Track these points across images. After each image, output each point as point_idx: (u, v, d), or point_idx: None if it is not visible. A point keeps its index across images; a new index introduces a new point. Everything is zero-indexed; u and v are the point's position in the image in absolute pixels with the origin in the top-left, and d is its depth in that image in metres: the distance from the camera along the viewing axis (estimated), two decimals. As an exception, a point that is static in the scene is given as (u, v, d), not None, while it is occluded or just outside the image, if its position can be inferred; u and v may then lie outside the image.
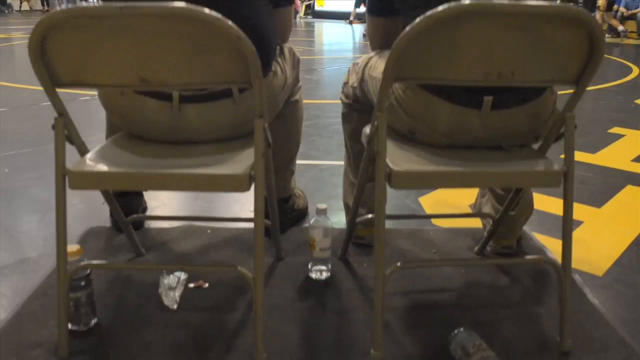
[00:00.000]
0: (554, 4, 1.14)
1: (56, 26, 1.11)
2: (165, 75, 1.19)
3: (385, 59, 1.62)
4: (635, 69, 7.05)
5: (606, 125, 3.86)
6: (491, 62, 1.20)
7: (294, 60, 1.81)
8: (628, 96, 5.03)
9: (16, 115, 3.97)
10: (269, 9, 1.59)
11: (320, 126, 3.65)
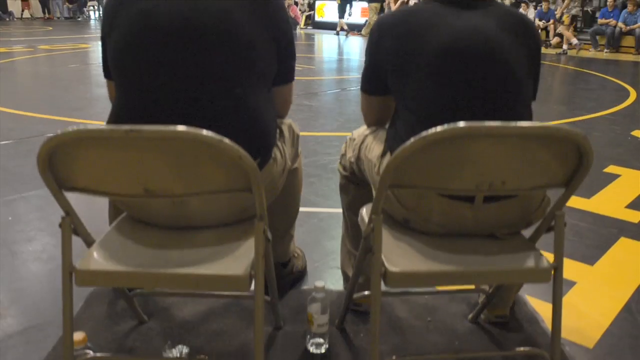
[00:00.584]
0: (543, 125, 1.19)
1: (64, 144, 1.16)
2: (169, 186, 1.23)
3: (379, 140, 1.68)
4: (633, 92, 7.10)
5: (602, 163, 3.90)
6: (482, 174, 1.25)
7: (293, 137, 1.86)
8: (625, 126, 5.08)
9: (18, 149, 4.02)
10: (270, 97, 1.64)
11: (319, 165, 3.70)
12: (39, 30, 16.29)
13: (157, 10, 1.49)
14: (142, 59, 1.48)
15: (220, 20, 1.49)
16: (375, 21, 1.73)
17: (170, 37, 1.47)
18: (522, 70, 1.53)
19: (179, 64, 1.46)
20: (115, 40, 1.54)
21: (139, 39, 1.48)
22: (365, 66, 1.76)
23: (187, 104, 1.45)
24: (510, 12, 1.62)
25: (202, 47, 1.47)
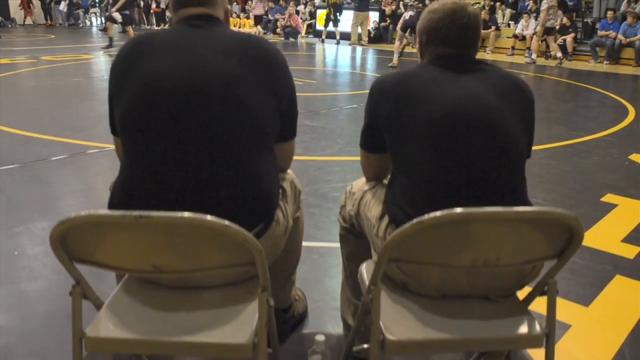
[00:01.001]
0: (536, 210, 1.24)
1: (76, 227, 1.21)
2: (177, 264, 1.29)
3: (378, 200, 1.73)
4: (631, 109, 7.15)
5: (600, 191, 3.95)
6: (477, 251, 1.30)
7: (295, 193, 1.90)
8: (622, 149, 5.13)
9: (23, 175, 4.07)
10: (273, 159, 1.69)
11: (319, 194, 3.75)
12: (41, 39, 16.37)
13: (163, 75, 1.54)
14: (148, 127, 1.53)
15: (224, 85, 1.54)
16: (375, 81, 1.78)
17: (175, 104, 1.52)
18: (516, 138, 1.59)
19: (183, 132, 1.51)
20: (123, 105, 1.59)
21: (146, 107, 1.53)
22: (364, 124, 1.82)
23: (192, 173, 1.49)
24: (505, 76, 1.68)
25: (207, 115, 1.52)
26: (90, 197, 3.68)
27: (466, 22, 1.69)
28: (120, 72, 1.62)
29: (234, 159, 1.53)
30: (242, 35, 1.71)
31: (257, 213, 1.56)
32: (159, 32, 1.70)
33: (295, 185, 1.91)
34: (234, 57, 1.60)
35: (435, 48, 1.72)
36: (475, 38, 1.73)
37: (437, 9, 1.72)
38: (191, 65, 1.55)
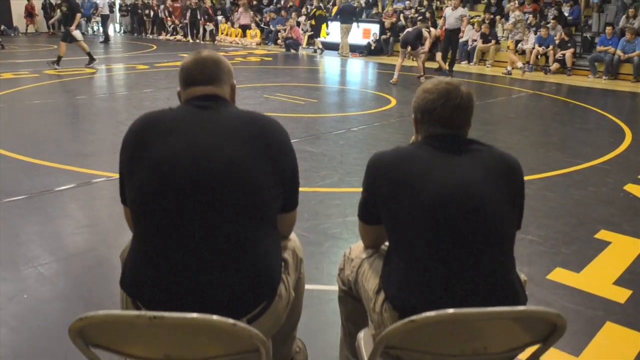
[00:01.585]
0: (522, 309, 1.33)
1: (93, 324, 1.30)
2: (187, 354, 1.38)
3: (375, 271, 1.83)
4: (628, 133, 7.24)
5: (594, 227, 4.04)
6: (466, 342, 1.40)
7: (297, 262, 1.99)
8: (618, 178, 5.22)
9: (30, 207, 4.16)
10: (276, 236, 1.78)
11: (319, 230, 3.84)
12: (43, 50, 16.46)
13: (170, 162, 1.64)
14: (156, 212, 1.63)
15: (229, 171, 1.64)
16: (372, 159, 1.86)
17: (182, 191, 1.62)
18: (506, 222, 1.68)
19: (189, 217, 1.61)
20: (133, 188, 1.68)
21: (154, 194, 1.63)
22: (362, 197, 1.91)
23: (198, 256, 1.59)
24: (496, 157, 1.77)
25: (212, 200, 1.62)
26: (97, 233, 3.77)
27: (459, 102, 1.78)
28: (131, 154, 1.72)
29: (238, 240, 1.63)
30: (245, 116, 1.80)
31: (261, 292, 1.66)
32: (168, 112, 1.80)
33: (296, 253, 2.00)
34: (238, 140, 1.70)
35: (430, 127, 1.81)
36: (468, 117, 1.82)
37: (431, 89, 1.81)
38: (197, 153, 1.64)
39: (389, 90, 10.16)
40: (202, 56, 1.86)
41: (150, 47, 18.78)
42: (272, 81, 11.08)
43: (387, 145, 5.72)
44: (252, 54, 17.00)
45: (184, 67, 1.86)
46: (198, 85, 1.82)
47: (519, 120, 7.93)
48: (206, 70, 1.82)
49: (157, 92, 9.36)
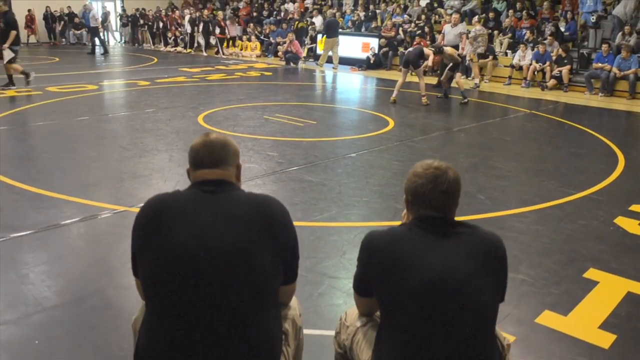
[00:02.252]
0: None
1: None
2: None
3: (369, 342, 1.97)
4: (621, 158, 7.38)
5: (583, 265, 4.17)
6: None
7: (296, 331, 2.13)
8: (609, 210, 5.35)
9: (34, 244, 4.29)
10: (278, 311, 1.93)
11: (317, 270, 3.96)
12: (45, 64, 16.62)
13: (179, 248, 1.81)
14: (167, 294, 1.79)
15: (234, 256, 1.81)
16: (367, 238, 2.01)
17: (191, 276, 1.79)
18: (489, 304, 1.83)
19: (198, 299, 1.78)
20: (145, 269, 1.84)
21: (165, 278, 1.79)
22: (357, 272, 2.05)
23: (205, 334, 1.74)
24: (480, 241, 1.91)
25: (218, 283, 1.78)
26: (103, 273, 3.88)
27: (446, 188, 1.93)
28: (144, 238, 1.88)
29: (242, 320, 1.79)
30: (248, 200, 1.95)
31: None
32: (178, 197, 1.94)
33: (296, 322, 2.14)
34: (242, 226, 1.86)
35: (419, 209, 1.96)
36: (455, 200, 1.97)
37: (420, 173, 1.95)
38: (204, 241, 1.80)
39: (388, 111, 10.31)
40: (210, 139, 2.01)
41: (150, 59, 18.94)
42: (272, 99, 11.23)
43: (384, 175, 5.93)
44: (252, 67, 17.17)
45: (194, 150, 2.00)
46: (206, 168, 1.96)
47: (514, 144, 8.05)
48: (214, 154, 1.97)
49: (158, 113, 9.50)
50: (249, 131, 8.21)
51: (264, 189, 5.63)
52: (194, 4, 28.07)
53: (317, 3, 23.06)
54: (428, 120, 9.79)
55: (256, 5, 24.87)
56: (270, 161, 6.69)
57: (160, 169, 6.25)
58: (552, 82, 14.17)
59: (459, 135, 8.52)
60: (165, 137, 7.77)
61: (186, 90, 12.19)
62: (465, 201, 5.18)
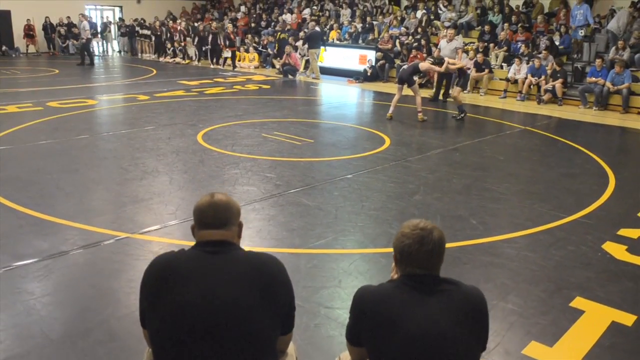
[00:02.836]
0: None
1: None
2: None
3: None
4: (612, 178, 7.55)
5: (570, 294, 4.32)
6: None
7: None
8: (597, 235, 5.50)
9: (38, 274, 4.43)
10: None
11: (313, 300, 4.10)
12: (45, 76, 16.78)
13: (185, 307, 1.97)
14: (174, 350, 1.94)
15: (237, 316, 1.98)
16: (358, 294, 2.16)
17: (196, 333, 1.95)
18: (470, 354, 1.98)
19: (202, 352, 1.94)
20: (153, 326, 2.00)
21: (172, 336, 1.96)
22: (349, 323, 2.21)
23: None
24: (463, 298, 2.07)
25: (222, 340, 1.95)
26: (107, 305, 4.01)
27: (431, 248, 2.09)
28: (151, 297, 2.05)
29: None
30: (248, 260, 2.11)
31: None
32: (182, 258, 2.10)
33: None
34: (242, 285, 2.03)
35: (407, 267, 2.12)
36: (440, 259, 2.14)
37: (408, 234, 2.11)
38: (208, 301, 1.98)
39: (384, 127, 10.48)
40: (215, 202, 2.17)
41: (149, 71, 19.11)
42: (270, 115, 11.39)
43: (380, 198, 6.11)
44: (250, 80, 17.34)
45: (200, 211, 2.17)
46: (211, 229, 2.12)
47: (508, 164, 8.21)
48: (218, 216, 2.14)
49: (158, 130, 9.66)
50: (248, 151, 8.36)
51: (262, 214, 5.79)
52: (192, 14, 28.29)
53: (314, 14, 23.27)
54: (424, 137, 9.95)
55: (254, 16, 25.08)
56: (268, 183, 6.84)
57: (160, 192, 6.39)
58: (547, 96, 14.36)
59: (454, 154, 8.67)
60: (165, 157, 7.92)
61: (185, 106, 12.34)
62: (458, 226, 5.38)
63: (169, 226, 5.37)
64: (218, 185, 6.69)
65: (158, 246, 4.93)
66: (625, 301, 4.26)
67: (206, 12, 28.65)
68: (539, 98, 14.44)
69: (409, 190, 6.66)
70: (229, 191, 6.46)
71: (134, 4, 28.03)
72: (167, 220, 5.52)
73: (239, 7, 27.12)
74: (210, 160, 7.83)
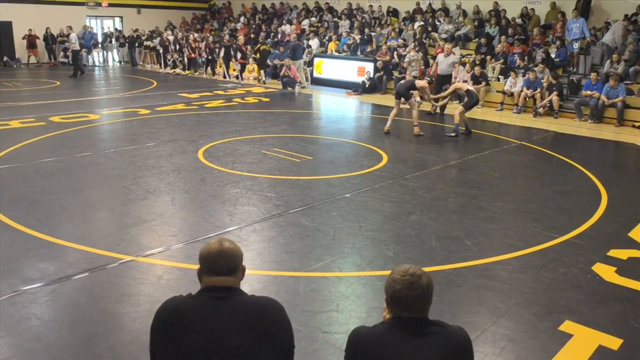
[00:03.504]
0: None
1: None
2: None
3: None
4: (604, 195, 7.73)
5: (559, 317, 4.48)
6: None
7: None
8: (588, 256, 5.67)
9: (44, 299, 4.59)
10: None
11: (312, 325, 4.26)
12: (46, 89, 16.98)
13: (193, 352, 2.13)
14: None
15: (238, 355, 2.13)
16: (352, 335, 2.33)
17: None
18: None
19: None
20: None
21: None
22: (344, 358, 2.37)
23: None
24: (450, 340, 2.23)
25: None
26: (114, 330, 4.18)
27: (420, 293, 2.26)
28: (161, 340, 2.23)
29: None
30: (251, 305, 2.29)
31: None
32: (190, 303, 2.27)
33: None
34: (245, 328, 2.21)
35: (397, 310, 2.28)
36: (428, 302, 2.30)
37: (398, 279, 2.28)
38: (218, 342, 2.18)
39: (381, 143, 10.66)
40: (223, 250, 2.34)
41: (150, 83, 19.30)
42: (269, 130, 11.57)
43: (377, 218, 6.32)
44: (250, 92, 17.55)
45: (208, 258, 2.34)
46: (217, 276, 2.30)
47: (503, 181, 8.38)
48: (226, 263, 2.31)
49: (159, 147, 9.83)
50: (248, 168, 8.54)
51: (262, 235, 5.96)
52: (192, 25, 28.51)
53: (313, 25, 23.49)
54: (420, 153, 10.13)
55: (254, 27, 25.29)
56: (268, 203, 7.00)
57: (162, 213, 6.57)
58: (543, 109, 14.55)
59: (450, 172, 8.85)
60: (167, 175, 8.09)
61: (186, 120, 12.52)
62: (453, 248, 5.56)
63: (172, 249, 5.53)
64: (219, 206, 6.85)
65: (162, 269, 5.10)
66: (613, 325, 4.42)
67: (206, 22, 28.87)
68: (535, 111, 14.62)
69: (406, 210, 6.84)
70: (230, 212, 6.63)
71: (135, 14, 28.25)
72: (170, 242, 5.68)
73: (239, 17, 27.33)
74: (211, 178, 7.99)
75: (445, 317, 4.34)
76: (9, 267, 5.03)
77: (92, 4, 26.53)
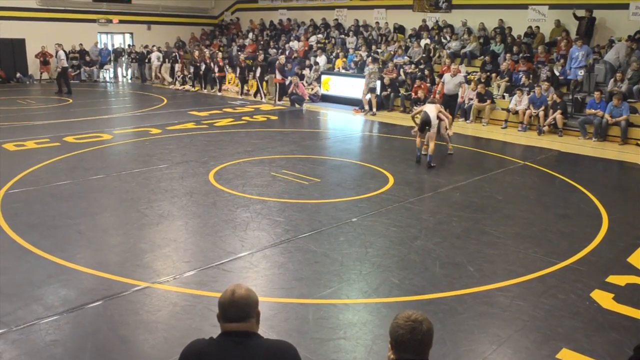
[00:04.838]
0: None
1: None
2: None
3: None
4: (605, 218, 7.93)
5: (557, 345, 4.69)
6: None
7: None
8: (587, 282, 5.87)
9: (64, 324, 4.84)
10: None
11: (320, 352, 4.48)
12: (59, 107, 17.31)
13: None
14: None
15: None
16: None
17: None
18: None
19: None
20: None
21: None
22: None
23: None
24: None
25: None
26: (133, 358, 4.43)
27: (421, 337, 2.49)
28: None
29: None
30: (268, 349, 2.52)
31: None
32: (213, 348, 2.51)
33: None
34: None
35: (400, 352, 2.51)
36: (429, 344, 2.52)
37: (401, 324, 2.51)
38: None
39: (388, 164, 10.87)
40: (235, 299, 2.57)
41: (160, 100, 19.61)
42: (278, 151, 11.82)
43: (383, 243, 6.59)
44: (258, 110, 17.82)
45: (223, 307, 2.57)
46: (234, 322, 2.53)
47: (506, 204, 8.56)
48: (238, 312, 2.54)
49: (171, 169, 10.11)
50: (257, 192, 8.78)
51: (272, 261, 6.19)
52: (201, 40, 28.89)
53: (320, 42, 23.79)
54: (426, 175, 10.34)
55: (262, 43, 25.61)
56: (278, 227, 7.25)
57: (176, 238, 6.82)
58: (547, 128, 14.75)
59: (454, 194, 9.06)
60: (179, 199, 8.35)
61: (196, 140, 12.79)
62: (456, 274, 5.78)
63: (185, 276, 5.77)
64: (230, 231, 7.09)
65: (176, 296, 5.33)
66: (609, 353, 4.62)
67: (214, 38, 29.25)
68: (540, 129, 14.82)
69: (411, 235, 7.06)
70: (241, 237, 6.87)
71: (145, 30, 28.66)
72: (184, 269, 5.92)
73: (247, 33, 27.69)
74: (222, 202, 8.24)
75: (447, 344, 4.57)
76: (32, 293, 5.29)
77: (103, 20, 26.92)
